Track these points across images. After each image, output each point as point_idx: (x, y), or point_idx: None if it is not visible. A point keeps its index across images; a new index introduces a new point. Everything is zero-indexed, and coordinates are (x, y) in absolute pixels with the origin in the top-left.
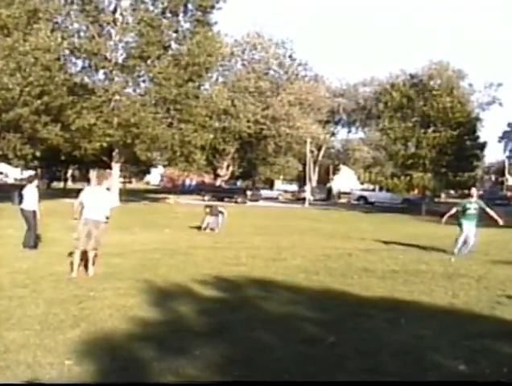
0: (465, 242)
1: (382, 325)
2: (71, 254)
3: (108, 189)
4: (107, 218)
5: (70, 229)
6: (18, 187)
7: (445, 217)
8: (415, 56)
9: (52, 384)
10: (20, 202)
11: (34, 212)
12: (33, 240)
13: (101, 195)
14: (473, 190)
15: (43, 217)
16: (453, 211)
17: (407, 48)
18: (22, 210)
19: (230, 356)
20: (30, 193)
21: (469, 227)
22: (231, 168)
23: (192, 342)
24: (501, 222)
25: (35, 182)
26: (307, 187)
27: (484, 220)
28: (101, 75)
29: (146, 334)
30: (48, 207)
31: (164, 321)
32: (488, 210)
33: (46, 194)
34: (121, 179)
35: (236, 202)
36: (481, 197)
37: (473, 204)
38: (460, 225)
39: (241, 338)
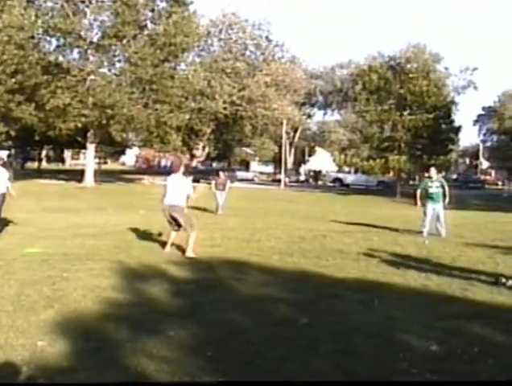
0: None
1: (355, 306)
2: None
3: (184, 174)
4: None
5: (45, 210)
6: None
7: (419, 202)
8: (393, 39)
9: (52, 384)
10: None
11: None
12: None
13: (175, 181)
14: (432, 170)
15: (17, 198)
16: (418, 192)
17: (385, 31)
18: None
19: (203, 337)
20: None
21: (434, 206)
22: (207, 149)
23: (165, 323)
24: (445, 205)
25: None
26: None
27: (452, 203)
28: (75, 54)
29: (119, 315)
30: (22, 187)
31: (138, 302)
32: (446, 189)
33: (20, 174)
34: (97, 160)
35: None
36: (455, 180)
37: (435, 182)
38: (424, 207)
39: (214, 319)
